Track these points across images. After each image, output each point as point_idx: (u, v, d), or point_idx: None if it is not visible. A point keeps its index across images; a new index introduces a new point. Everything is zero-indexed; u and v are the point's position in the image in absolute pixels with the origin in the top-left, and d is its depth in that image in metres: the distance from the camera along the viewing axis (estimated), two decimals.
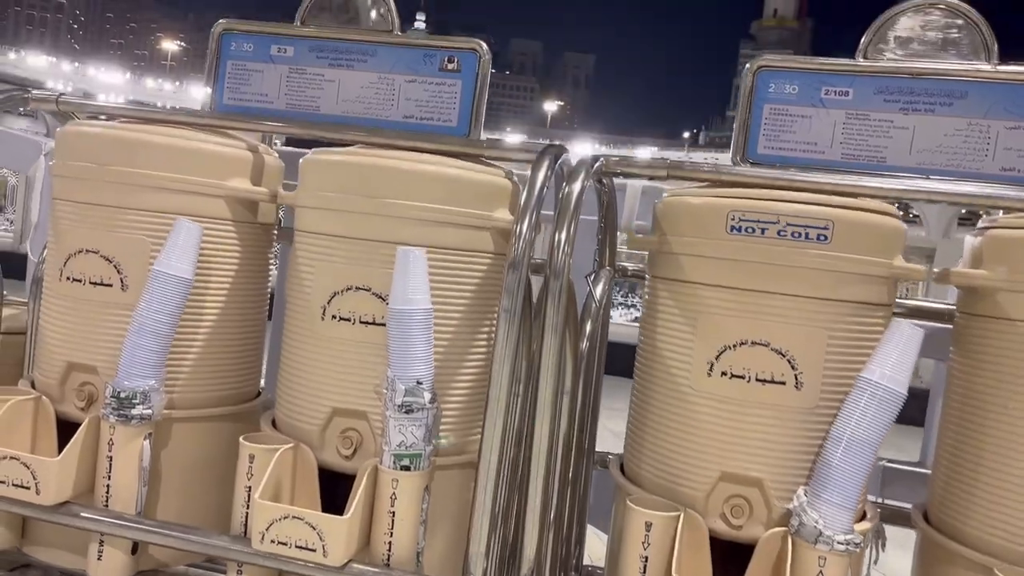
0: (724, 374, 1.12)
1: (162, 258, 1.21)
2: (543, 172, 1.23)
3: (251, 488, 1.18)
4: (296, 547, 1.11)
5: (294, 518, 1.11)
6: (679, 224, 1.20)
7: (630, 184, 2.77)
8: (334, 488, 1.25)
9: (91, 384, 1.29)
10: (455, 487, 1.28)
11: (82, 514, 1.22)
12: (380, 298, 1.19)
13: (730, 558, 1.15)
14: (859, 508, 1.14)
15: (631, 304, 16.12)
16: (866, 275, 1.11)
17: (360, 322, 1.20)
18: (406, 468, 1.14)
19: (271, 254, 1.50)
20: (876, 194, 1.20)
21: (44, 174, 2.00)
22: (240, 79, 1.64)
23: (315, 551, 1.10)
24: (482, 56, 1.55)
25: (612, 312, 1.66)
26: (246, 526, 1.18)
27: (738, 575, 1.11)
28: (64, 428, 1.29)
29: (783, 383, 1.10)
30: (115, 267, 1.27)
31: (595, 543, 1.65)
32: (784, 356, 1.09)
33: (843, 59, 1.42)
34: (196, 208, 1.30)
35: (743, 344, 1.10)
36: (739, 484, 1.12)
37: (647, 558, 1.10)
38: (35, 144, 1.99)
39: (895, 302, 1.22)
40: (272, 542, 1.12)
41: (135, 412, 1.20)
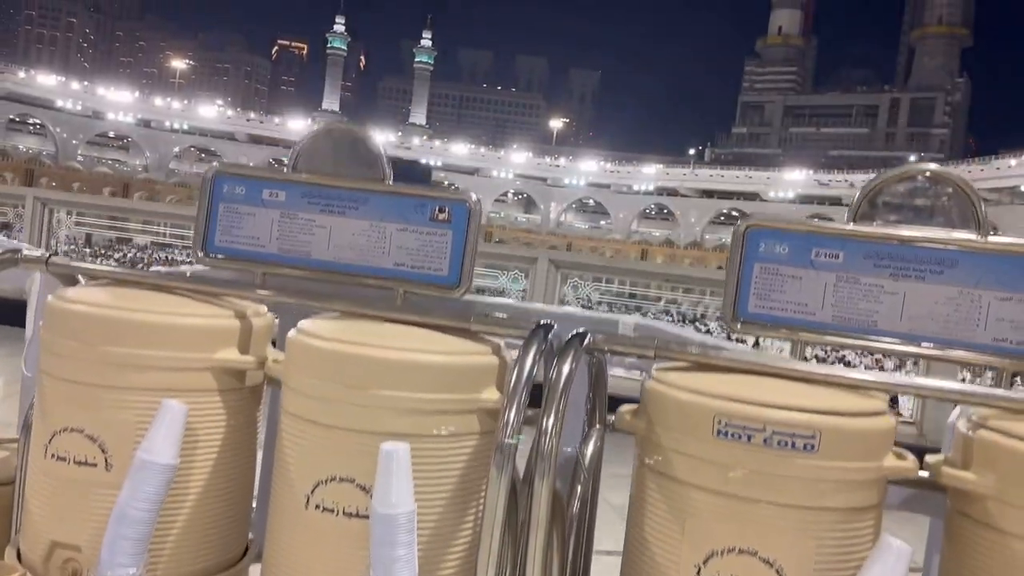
0: None
1: (146, 443, 1.20)
2: (531, 355, 1.22)
3: None
4: None
5: None
6: (667, 416, 1.19)
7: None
8: None
9: (75, 560, 1.29)
10: None
11: None
12: (364, 490, 1.18)
13: None
14: None
15: None
16: (855, 481, 1.10)
17: (344, 513, 1.20)
18: None
19: (259, 412, 1.50)
20: (868, 387, 1.19)
21: (38, 286, 2.00)
22: (232, 222, 1.64)
23: None
24: (472, 208, 1.55)
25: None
26: None
27: None
28: None
29: None
30: (100, 447, 1.27)
31: None
32: (772, 566, 1.08)
33: (834, 223, 1.42)
34: (183, 383, 1.30)
35: (731, 551, 1.09)
36: None
37: None
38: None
39: (884, 491, 1.20)
40: None
41: None
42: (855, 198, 1.42)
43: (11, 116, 70.65)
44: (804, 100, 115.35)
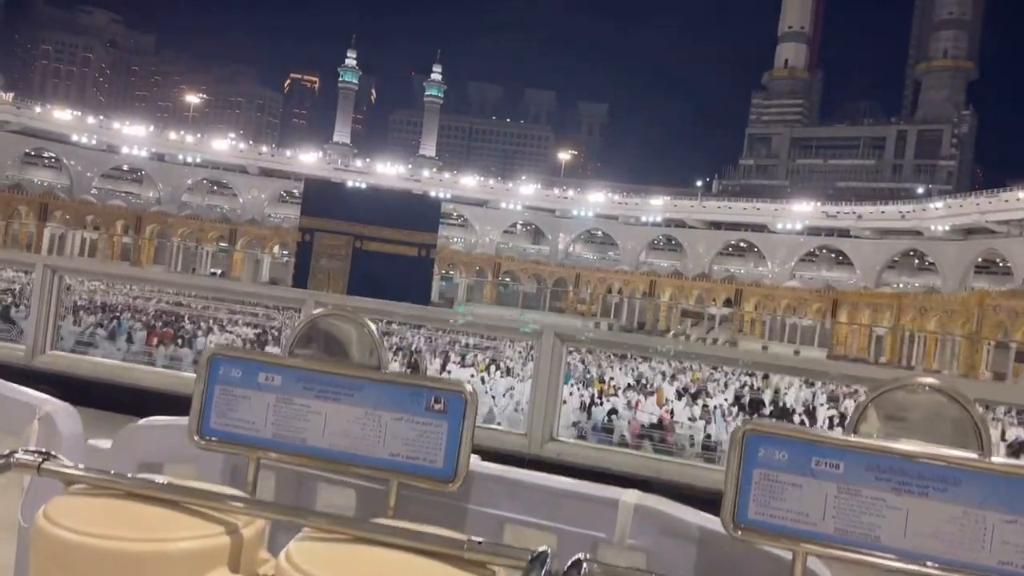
0: None
1: None
2: None
3: None
4: None
5: None
6: None
7: None
8: None
9: None
10: None
11: None
12: None
13: None
14: None
15: None
16: None
17: None
18: None
19: None
20: None
21: (36, 436, 1.99)
22: (228, 404, 1.63)
23: None
24: (467, 399, 1.54)
25: None
26: None
27: None
28: None
29: None
30: None
31: None
32: None
33: (834, 434, 1.39)
34: None
35: None
36: None
37: None
38: (28, 407, 1.98)
39: None
40: None
41: None
42: (855, 407, 1.39)
43: (27, 150, 71.55)
44: (811, 132, 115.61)
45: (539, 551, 1.27)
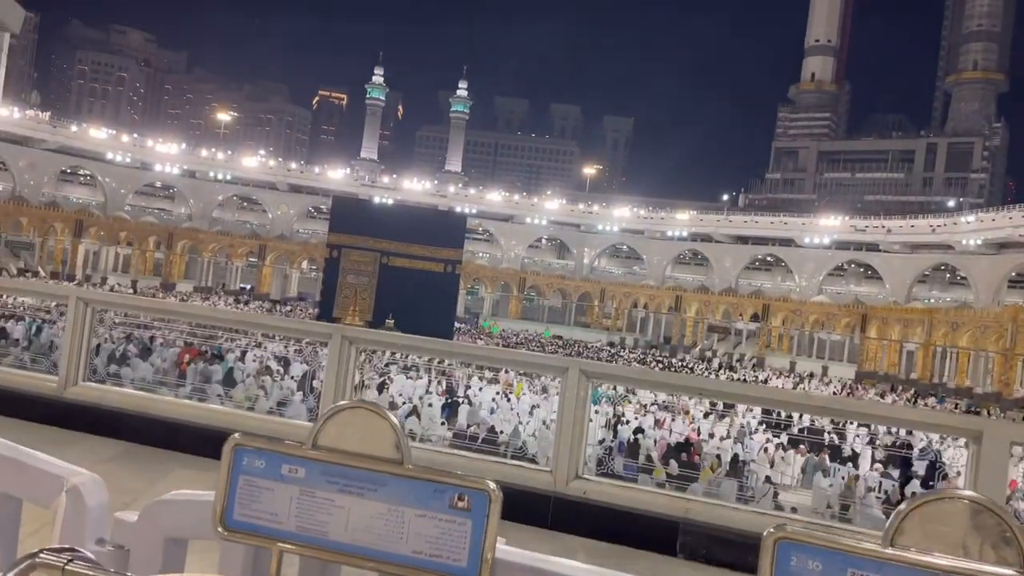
0: None
1: None
2: None
3: None
4: None
5: None
6: None
7: None
8: None
9: None
10: None
11: None
12: None
13: None
14: None
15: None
16: None
17: None
18: None
19: None
20: None
21: (64, 509, 2.00)
22: (251, 495, 1.62)
23: None
24: (491, 496, 1.52)
25: None
26: None
27: None
28: None
29: None
30: None
31: None
32: None
33: (870, 544, 1.35)
34: None
35: None
36: None
37: None
38: (56, 479, 1.99)
39: None
40: None
41: None
42: (890, 520, 1.35)
43: (63, 168, 73.04)
44: (838, 146, 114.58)
45: None
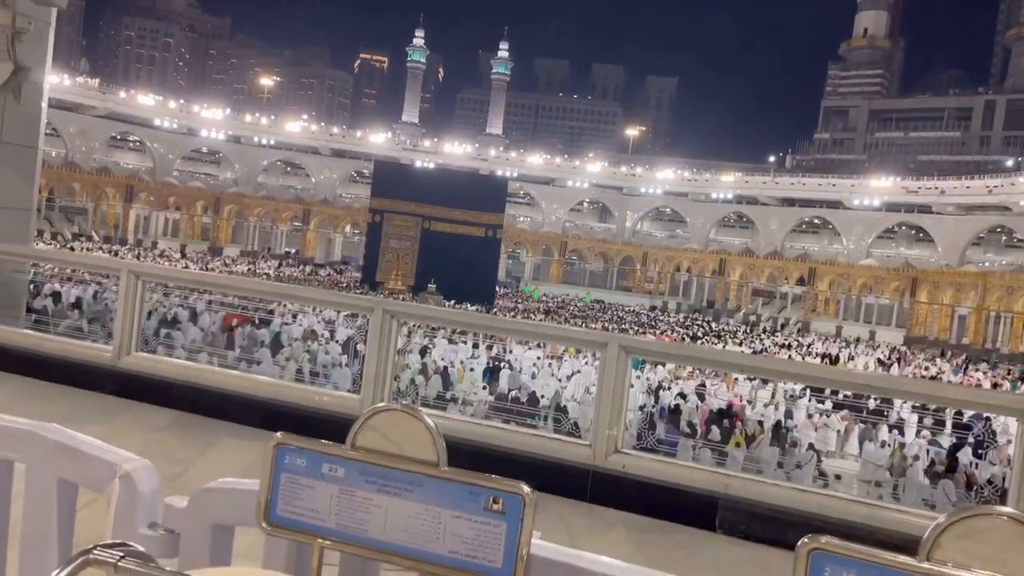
0: None
1: None
2: None
3: None
4: None
5: None
6: None
7: None
8: None
9: None
10: None
11: None
12: None
13: None
14: None
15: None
16: None
17: None
18: None
19: None
20: None
21: (117, 495, 2.08)
22: (293, 492, 1.67)
23: None
24: (526, 499, 1.54)
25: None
26: None
27: None
28: None
29: None
30: None
31: None
32: None
33: (906, 557, 1.34)
34: None
35: None
36: None
37: None
38: (110, 466, 2.07)
39: None
40: None
41: None
42: (927, 533, 1.34)
43: (113, 134, 74.52)
44: (891, 104, 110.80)
45: None
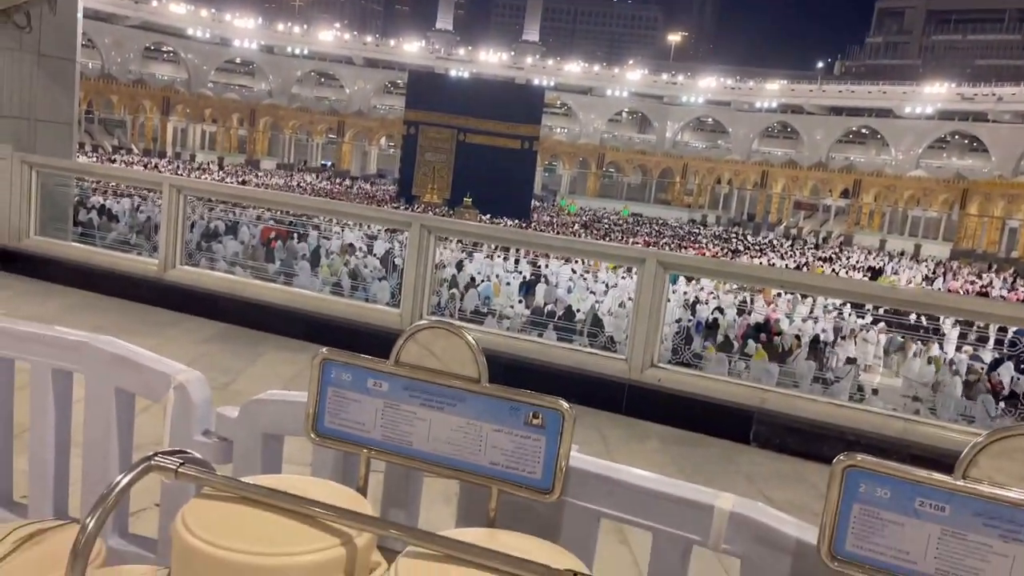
0: None
1: None
2: None
3: None
4: None
5: None
6: None
7: None
8: None
9: None
10: None
11: None
12: None
13: None
14: None
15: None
16: None
17: None
18: None
19: None
20: None
21: (172, 404, 2.18)
22: (339, 405, 1.73)
23: None
24: (565, 415, 1.57)
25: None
26: None
27: None
28: None
29: None
30: None
31: None
32: None
33: (941, 475, 1.35)
34: None
35: None
36: None
37: None
38: (165, 377, 2.17)
39: None
40: None
41: None
42: (964, 452, 1.34)
43: (147, 45, 74.06)
44: (949, 4, 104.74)
45: None
